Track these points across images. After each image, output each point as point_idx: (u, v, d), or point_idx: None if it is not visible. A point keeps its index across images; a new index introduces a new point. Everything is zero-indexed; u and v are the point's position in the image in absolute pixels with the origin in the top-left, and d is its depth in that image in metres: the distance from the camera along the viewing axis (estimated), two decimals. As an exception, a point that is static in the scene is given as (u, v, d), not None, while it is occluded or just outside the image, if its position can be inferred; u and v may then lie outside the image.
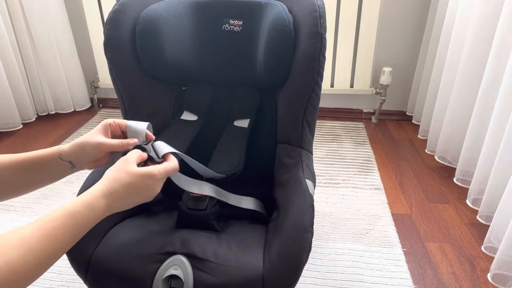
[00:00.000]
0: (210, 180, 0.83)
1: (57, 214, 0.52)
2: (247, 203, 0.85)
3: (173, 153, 0.69)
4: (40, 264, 0.48)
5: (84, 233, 0.55)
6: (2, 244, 0.46)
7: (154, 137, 0.72)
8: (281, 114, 0.94)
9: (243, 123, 1.00)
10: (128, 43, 0.94)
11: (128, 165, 0.61)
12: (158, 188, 0.64)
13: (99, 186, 0.58)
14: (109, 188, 0.58)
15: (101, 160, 0.69)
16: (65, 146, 0.67)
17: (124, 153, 0.65)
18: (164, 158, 0.68)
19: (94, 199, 0.56)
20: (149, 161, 0.67)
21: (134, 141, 0.68)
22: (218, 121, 1.03)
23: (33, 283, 0.49)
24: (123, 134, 0.71)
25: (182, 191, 0.78)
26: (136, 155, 0.63)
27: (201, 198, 0.79)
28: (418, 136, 1.93)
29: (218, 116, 1.04)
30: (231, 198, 0.84)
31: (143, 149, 0.66)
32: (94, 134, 0.67)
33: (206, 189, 0.79)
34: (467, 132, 1.45)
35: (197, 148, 0.95)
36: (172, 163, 0.67)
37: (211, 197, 0.79)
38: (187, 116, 1.03)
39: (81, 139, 0.67)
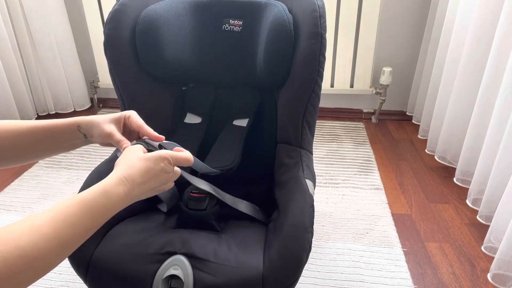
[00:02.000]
0: (208, 178, 0.83)
1: (72, 202, 0.51)
2: (241, 206, 0.85)
3: (166, 144, 0.69)
4: (53, 251, 0.47)
5: (103, 222, 0.54)
6: (12, 230, 0.45)
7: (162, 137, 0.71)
8: (281, 114, 0.94)
9: (242, 122, 1.00)
10: (128, 43, 0.94)
11: (136, 152, 0.61)
12: (172, 172, 0.63)
13: (114, 173, 0.57)
14: (125, 174, 0.57)
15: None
16: (83, 118, 0.67)
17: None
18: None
19: (109, 186, 0.55)
20: None
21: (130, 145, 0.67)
22: (218, 120, 1.03)
23: (33, 283, 0.48)
24: (133, 131, 0.70)
25: (182, 191, 0.78)
26: (140, 146, 0.64)
27: (201, 198, 0.79)
28: (418, 136, 1.93)
29: (218, 115, 1.04)
30: (227, 199, 0.83)
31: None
32: (107, 122, 0.67)
33: (203, 186, 0.79)
34: (467, 132, 1.45)
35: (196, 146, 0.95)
36: (185, 153, 0.65)
37: (211, 197, 0.79)
38: (191, 118, 1.03)
39: (96, 119, 0.67)
